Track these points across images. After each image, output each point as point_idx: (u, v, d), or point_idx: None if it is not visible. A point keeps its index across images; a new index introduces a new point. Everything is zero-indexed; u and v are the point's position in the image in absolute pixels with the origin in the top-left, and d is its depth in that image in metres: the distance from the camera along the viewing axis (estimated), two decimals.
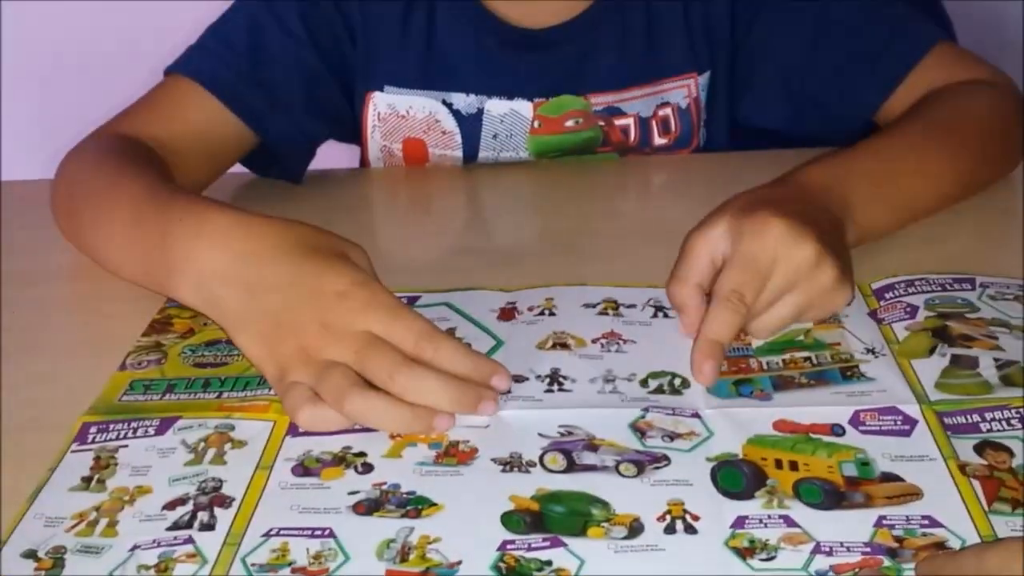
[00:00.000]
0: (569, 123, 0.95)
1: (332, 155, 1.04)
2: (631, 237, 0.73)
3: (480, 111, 0.95)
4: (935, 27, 0.94)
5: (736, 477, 0.55)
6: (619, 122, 0.96)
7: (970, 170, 0.82)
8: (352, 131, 0.99)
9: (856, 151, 0.78)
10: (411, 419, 0.59)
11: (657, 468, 0.56)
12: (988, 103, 0.86)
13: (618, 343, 0.67)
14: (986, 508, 0.52)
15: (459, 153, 0.96)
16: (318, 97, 0.94)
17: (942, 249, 0.77)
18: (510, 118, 0.95)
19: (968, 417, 0.58)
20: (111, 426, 0.61)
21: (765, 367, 0.64)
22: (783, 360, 0.64)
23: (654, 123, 0.96)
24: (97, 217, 0.77)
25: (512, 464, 0.57)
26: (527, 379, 0.64)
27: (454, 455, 0.58)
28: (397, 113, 0.96)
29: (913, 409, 0.59)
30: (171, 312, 0.72)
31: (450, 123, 0.95)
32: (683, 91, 0.96)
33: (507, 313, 0.70)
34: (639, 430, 0.59)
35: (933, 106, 0.85)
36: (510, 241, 0.85)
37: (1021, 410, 0.58)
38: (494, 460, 0.57)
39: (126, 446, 0.60)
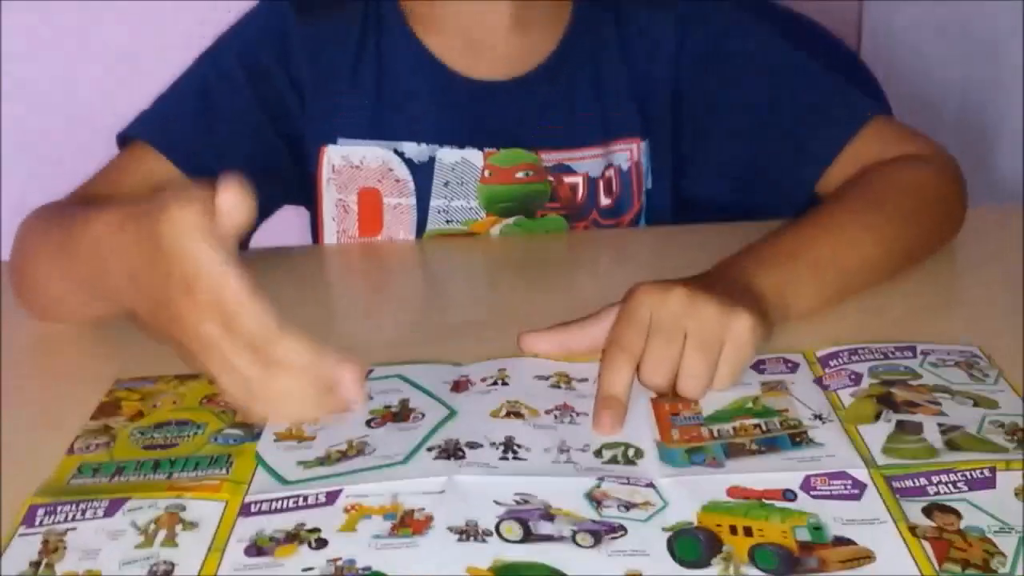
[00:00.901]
0: (520, 174, 0.97)
1: (284, 220, 1.04)
2: (581, 312, 0.74)
3: (432, 159, 0.96)
4: (871, 102, 0.97)
5: (693, 546, 0.55)
6: (568, 179, 0.98)
7: (901, 241, 0.84)
8: (300, 190, 1.01)
9: (779, 233, 0.81)
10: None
11: (614, 538, 0.56)
12: (922, 175, 0.88)
13: (571, 415, 0.67)
14: (937, 568, 0.53)
15: (412, 200, 0.98)
16: (265, 154, 0.96)
17: (883, 317, 0.79)
18: (461, 167, 0.97)
19: (915, 480, 0.59)
20: (59, 508, 0.60)
21: (716, 435, 0.64)
22: (733, 427, 0.65)
23: (601, 184, 0.99)
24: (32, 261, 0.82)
25: (468, 533, 0.57)
26: (481, 446, 0.64)
27: (409, 525, 0.57)
28: (351, 164, 0.97)
29: (862, 473, 0.60)
30: (119, 395, 0.72)
31: (403, 171, 0.97)
32: (626, 154, 0.99)
33: (460, 385, 0.71)
34: (595, 499, 0.59)
35: (864, 181, 0.88)
36: (463, 316, 0.85)
37: (966, 473, 0.60)
38: (450, 529, 0.57)
39: (75, 529, 0.59)
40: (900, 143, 0.92)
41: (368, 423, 0.67)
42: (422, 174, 0.97)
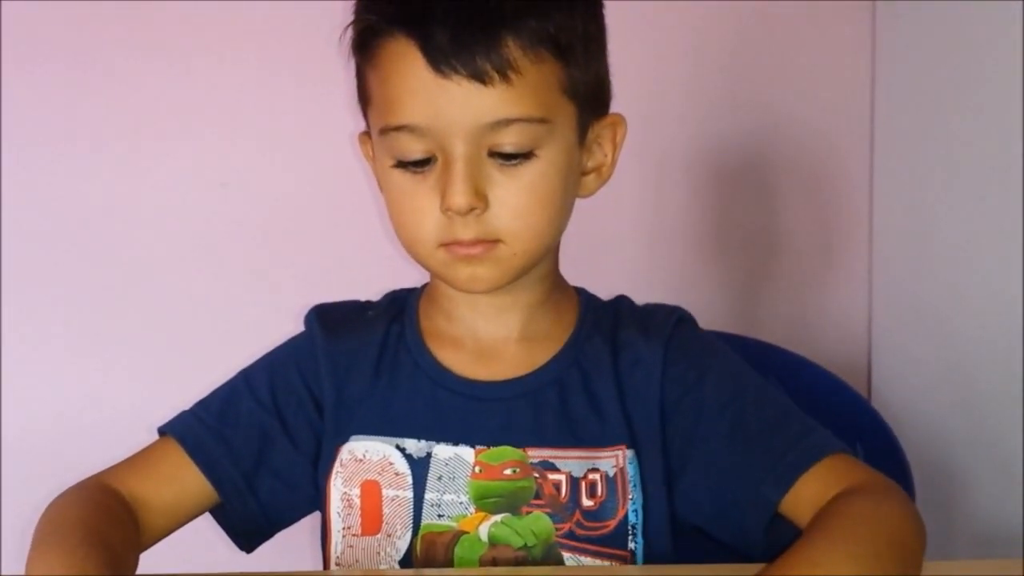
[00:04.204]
0: (507, 471, 1.06)
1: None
2: None
3: (428, 455, 1.06)
4: (833, 439, 1.05)
5: None
6: (552, 476, 1.06)
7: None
8: (306, 499, 1.10)
9: None
10: None
11: None
12: (884, 508, 0.93)
13: None
14: None
15: (409, 494, 1.06)
16: (274, 456, 1.08)
17: None
18: (454, 462, 1.06)
19: None
20: None
21: None
22: None
23: (583, 485, 1.06)
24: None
25: None
26: None
27: None
28: (356, 457, 1.07)
29: None
30: None
31: (403, 465, 1.06)
32: (612, 460, 1.07)
33: None
34: None
35: (832, 513, 0.93)
36: None
37: None
38: None
39: None
40: (858, 477, 0.98)
41: None
42: (419, 468, 1.07)
